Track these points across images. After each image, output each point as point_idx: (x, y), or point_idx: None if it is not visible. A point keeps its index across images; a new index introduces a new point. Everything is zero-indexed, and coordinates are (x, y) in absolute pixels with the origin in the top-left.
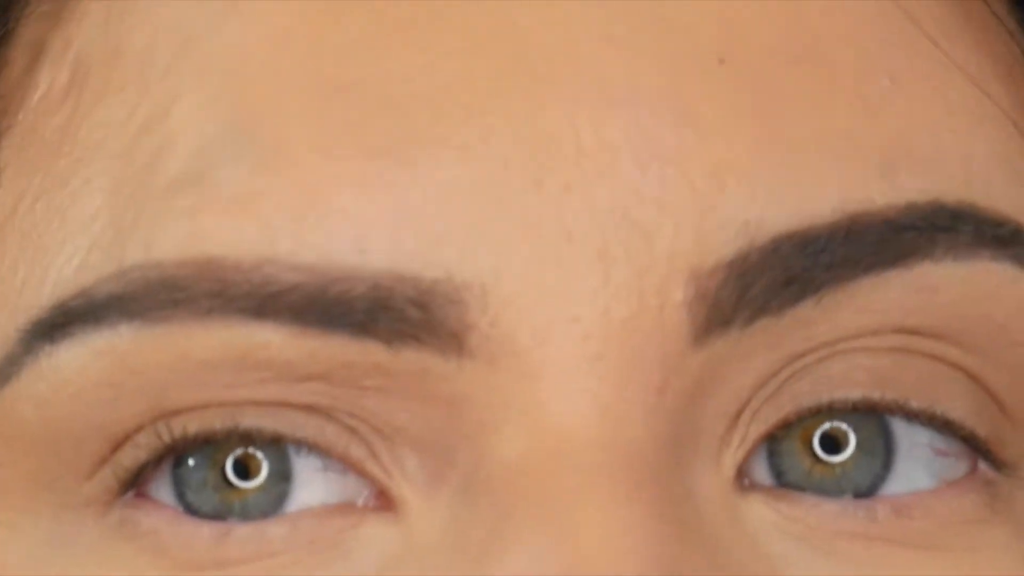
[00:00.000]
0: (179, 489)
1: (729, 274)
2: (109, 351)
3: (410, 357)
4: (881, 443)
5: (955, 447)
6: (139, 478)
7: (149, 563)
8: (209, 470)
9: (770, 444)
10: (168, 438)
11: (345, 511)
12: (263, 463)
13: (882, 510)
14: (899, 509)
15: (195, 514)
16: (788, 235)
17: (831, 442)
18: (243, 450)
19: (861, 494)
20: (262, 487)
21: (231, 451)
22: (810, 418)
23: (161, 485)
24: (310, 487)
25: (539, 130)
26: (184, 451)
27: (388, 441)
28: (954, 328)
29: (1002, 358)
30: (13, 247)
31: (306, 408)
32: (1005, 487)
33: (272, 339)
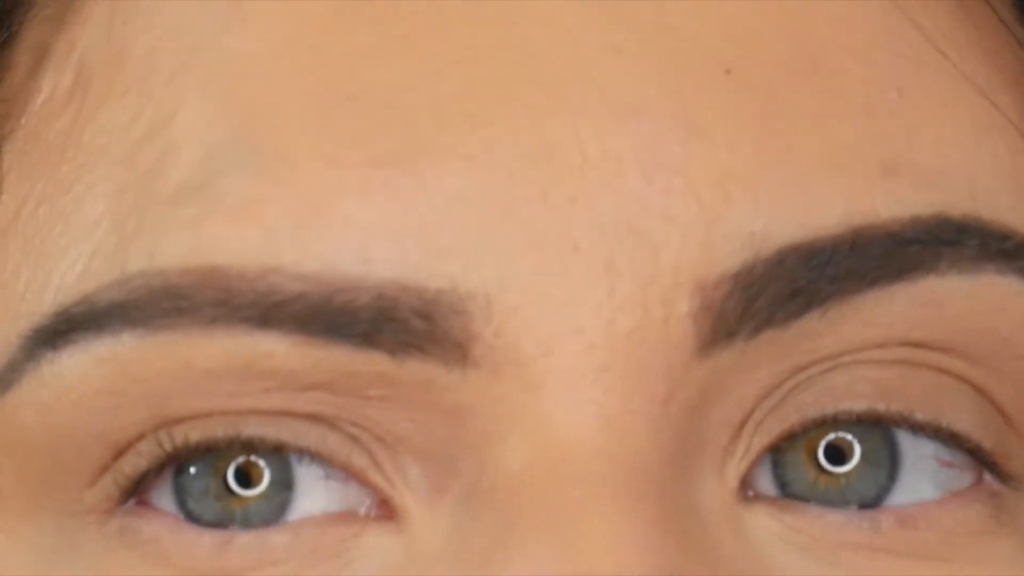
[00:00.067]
0: (181, 497)
1: (734, 286)
2: (111, 359)
3: (414, 367)
4: (886, 454)
5: (960, 459)
6: (141, 486)
7: (150, 571)
8: (211, 478)
9: (774, 455)
10: (170, 446)
11: (347, 520)
12: (265, 471)
13: (887, 521)
14: (904, 520)
15: (196, 522)
16: (793, 247)
17: (836, 453)
18: (245, 458)
19: (866, 505)
20: (264, 495)
21: (233, 459)
22: (815, 429)
23: (163, 493)
24: (312, 496)
25: (544, 140)
26: (186, 459)
27: (391, 450)
28: (959, 341)
29: (1007, 371)
30: (16, 252)
31: (309, 417)
32: (1010, 499)
33: (276, 348)
